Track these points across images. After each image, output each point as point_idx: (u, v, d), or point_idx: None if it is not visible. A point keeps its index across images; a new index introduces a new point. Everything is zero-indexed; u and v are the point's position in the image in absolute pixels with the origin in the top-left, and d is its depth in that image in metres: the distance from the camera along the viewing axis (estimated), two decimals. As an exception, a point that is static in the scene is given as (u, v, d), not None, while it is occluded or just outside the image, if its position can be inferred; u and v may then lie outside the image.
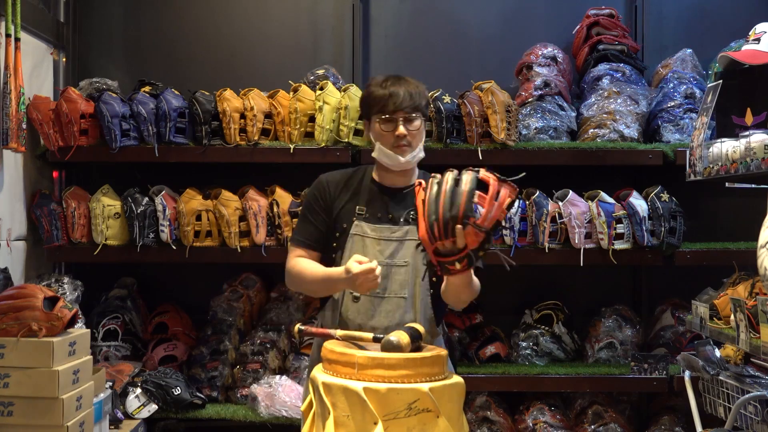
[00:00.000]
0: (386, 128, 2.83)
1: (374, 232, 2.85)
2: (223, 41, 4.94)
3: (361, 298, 2.81)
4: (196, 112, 4.36)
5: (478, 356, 4.52)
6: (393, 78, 2.88)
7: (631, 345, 4.52)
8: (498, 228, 2.57)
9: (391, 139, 2.83)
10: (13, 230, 4.25)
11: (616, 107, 4.41)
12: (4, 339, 3.22)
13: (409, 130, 2.82)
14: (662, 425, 4.40)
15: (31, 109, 4.31)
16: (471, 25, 4.94)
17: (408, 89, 2.83)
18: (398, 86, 2.83)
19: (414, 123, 2.84)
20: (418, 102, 2.84)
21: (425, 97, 2.91)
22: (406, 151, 2.83)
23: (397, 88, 2.83)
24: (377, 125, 2.86)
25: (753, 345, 2.87)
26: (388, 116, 2.82)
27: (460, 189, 2.45)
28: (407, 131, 2.82)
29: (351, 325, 2.82)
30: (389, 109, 2.82)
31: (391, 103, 2.81)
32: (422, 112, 2.87)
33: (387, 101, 2.82)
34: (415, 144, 2.85)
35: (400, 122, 2.82)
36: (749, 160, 2.89)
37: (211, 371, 4.43)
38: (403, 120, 2.82)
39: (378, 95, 2.84)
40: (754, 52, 3.21)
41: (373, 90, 2.87)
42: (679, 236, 4.31)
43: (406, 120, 2.82)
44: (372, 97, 2.87)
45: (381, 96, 2.83)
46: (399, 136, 2.81)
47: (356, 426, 2.38)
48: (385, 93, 2.83)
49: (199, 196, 4.41)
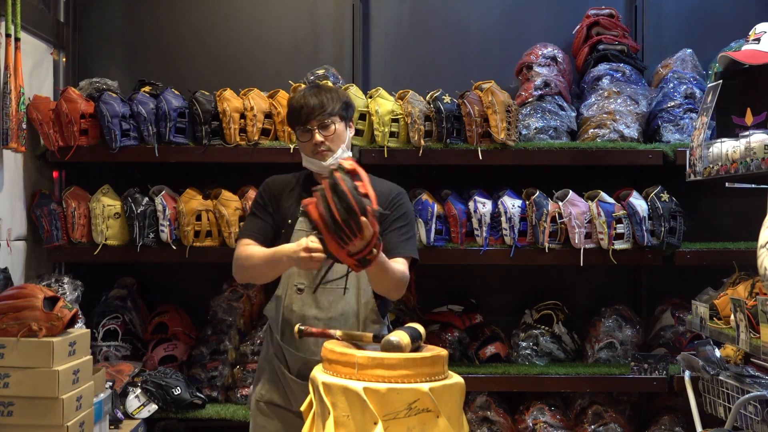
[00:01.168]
0: (304, 138, 2.97)
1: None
2: (223, 41, 4.94)
3: (305, 290, 2.92)
4: (196, 112, 4.36)
5: (478, 356, 4.52)
6: (309, 89, 3.01)
7: (631, 345, 4.52)
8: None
9: (310, 147, 2.96)
10: (13, 230, 4.25)
11: (616, 107, 4.41)
12: (4, 339, 3.22)
13: (325, 136, 2.94)
14: (662, 425, 4.40)
15: (31, 109, 4.31)
16: (471, 25, 4.94)
17: (320, 97, 2.94)
18: (311, 97, 2.95)
19: (330, 128, 2.94)
20: (330, 107, 2.94)
21: (341, 100, 2.99)
22: (326, 156, 2.95)
23: (309, 98, 2.95)
24: (297, 136, 3.00)
25: (753, 345, 2.87)
26: (302, 127, 2.96)
27: (341, 189, 2.52)
28: (323, 137, 2.94)
29: (295, 316, 2.92)
30: (302, 120, 2.95)
31: (303, 114, 2.94)
32: (339, 115, 2.96)
33: (300, 112, 2.95)
34: (335, 147, 2.96)
35: (315, 131, 2.94)
36: (749, 160, 2.89)
37: (211, 371, 4.44)
38: (318, 127, 2.93)
39: (293, 108, 2.99)
40: (754, 52, 3.22)
41: (291, 103, 3.02)
42: (679, 236, 4.31)
43: (321, 126, 2.94)
44: (290, 111, 3.02)
45: (295, 108, 2.97)
46: (316, 144, 2.94)
47: (356, 426, 2.38)
48: (298, 105, 2.96)
49: (199, 196, 4.41)
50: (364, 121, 4.35)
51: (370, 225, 2.54)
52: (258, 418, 3.04)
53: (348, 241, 2.55)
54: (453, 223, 4.32)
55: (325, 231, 2.56)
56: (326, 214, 2.53)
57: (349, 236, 2.54)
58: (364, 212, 2.52)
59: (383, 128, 4.29)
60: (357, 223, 2.52)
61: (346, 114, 3.00)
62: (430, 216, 4.26)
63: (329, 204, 2.52)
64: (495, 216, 4.34)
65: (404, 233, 2.95)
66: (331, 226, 2.53)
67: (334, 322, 2.90)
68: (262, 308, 4.76)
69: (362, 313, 2.94)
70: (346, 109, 3.00)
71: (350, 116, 3.04)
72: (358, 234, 2.53)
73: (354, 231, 2.53)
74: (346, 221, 2.51)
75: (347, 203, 2.51)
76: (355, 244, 2.56)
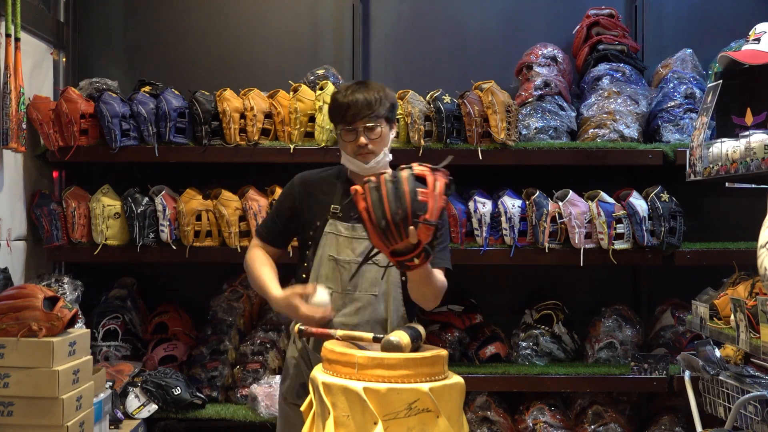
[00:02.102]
0: (348, 138, 2.88)
1: (347, 231, 2.90)
2: (223, 41, 4.94)
3: (333, 294, 2.86)
4: (196, 112, 4.36)
5: (478, 356, 4.52)
6: (355, 85, 2.92)
7: (631, 345, 4.52)
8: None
9: (353, 148, 2.87)
10: (13, 230, 4.25)
11: (616, 107, 4.41)
12: (4, 339, 3.22)
13: (370, 138, 2.86)
14: (662, 425, 4.40)
15: (31, 109, 4.31)
16: (471, 25, 4.94)
17: (368, 97, 2.85)
18: (358, 94, 2.86)
19: (375, 130, 2.86)
20: (377, 109, 2.85)
21: (389, 101, 2.91)
22: (369, 158, 2.88)
23: (356, 96, 2.85)
24: (340, 133, 2.91)
25: (753, 345, 2.87)
26: (349, 126, 2.87)
27: (401, 190, 2.46)
28: (368, 140, 2.86)
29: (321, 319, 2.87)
30: (349, 119, 2.86)
31: (350, 113, 2.85)
32: (385, 117, 2.89)
33: (347, 111, 2.86)
34: (378, 150, 2.88)
35: (361, 132, 2.85)
36: (749, 160, 2.89)
37: (211, 371, 4.44)
38: (363, 129, 2.85)
39: (339, 105, 2.89)
40: (754, 52, 3.22)
41: (336, 98, 2.91)
42: (679, 236, 4.31)
43: (367, 129, 2.86)
44: (334, 106, 2.92)
45: (341, 105, 2.87)
46: (360, 146, 2.86)
47: (356, 426, 2.38)
48: (345, 102, 2.86)
49: (199, 196, 4.42)
50: (364, 121, 4.34)
51: (418, 234, 2.47)
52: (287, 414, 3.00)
53: (393, 242, 2.49)
54: (453, 223, 4.32)
55: (370, 225, 2.50)
56: (378, 208, 2.46)
57: (394, 238, 2.48)
58: (415, 218, 2.45)
59: (383, 128, 4.29)
60: (405, 228, 2.46)
61: (391, 116, 2.93)
62: (430, 216, 4.26)
63: (383, 199, 2.46)
64: (495, 216, 4.34)
65: (441, 243, 2.90)
66: (377, 222, 2.47)
67: (360, 328, 2.84)
68: (262, 308, 4.78)
69: (390, 321, 2.89)
70: (392, 110, 2.94)
71: (394, 117, 2.97)
72: (404, 238, 2.47)
73: (401, 234, 2.47)
74: (396, 223, 2.45)
75: (402, 206, 2.45)
76: (399, 246, 2.50)
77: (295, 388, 2.97)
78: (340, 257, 2.88)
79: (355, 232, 2.88)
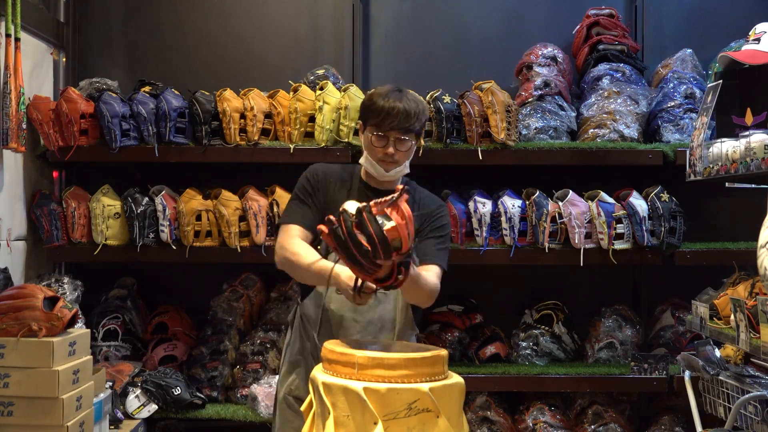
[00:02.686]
0: (378, 143, 2.86)
1: None
2: (223, 41, 4.94)
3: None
4: (196, 112, 4.36)
5: (478, 356, 4.52)
6: (397, 92, 2.87)
7: (631, 345, 4.52)
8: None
9: (380, 154, 2.86)
10: (13, 230, 4.25)
11: (616, 107, 4.41)
12: (4, 339, 3.22)
13: (398, 150, 2.85)
14: (662, 425, 4.40)
15: (31, 109, 4.31)
16: (471, 25, 4.94)
17: (408, 108, 2.82)
18: (399, 103, 2.82)
19: (406, 144, 2.85)
20: (413, 124, 2.84)
21: (425, 116, 2.90)
22: (391, 168, 2.89)
23: (398, 105, 2.82)
24: (370, 136, 2.88)
25: (753, 345, 2.87)
26: (381, 133, 2.84)
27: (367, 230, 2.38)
28: (396, 151, 2.85)
29: (334, 317, 2.87)
30: (384, 127, 2.83)
31: (387, 121, 2.82)
32: (416, 133, 2.87)
33: (385, 117, 2.82)
34: (402, 161, 2.89)
35: (392, 141, 2.84)
36: (749, 160, 2.89)
37: (211, 371, 4.44)
38: (395, 140, 2.84)
39: (378, 108, 2.84)
40: (754, 52, 3.22)
41: (376, 101, 2.86)
42: (679, 236, 4.31)
43: (398, 140, 2.84)
44: (373, 107, 2.87)
45: (380, 109, 2.83)
46: (388, 154, 2.85)
47: (356, 426, 2.38)
48: (384, 107, 2.82)
49: (199, 196, 4.41)
50: (364, 121, 4.34)
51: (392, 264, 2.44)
52: (286, 412, 2.98)
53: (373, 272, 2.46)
54: (453, 223, 4.32)
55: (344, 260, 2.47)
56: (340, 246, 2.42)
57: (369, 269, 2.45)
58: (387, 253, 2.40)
59: (383, 128, 4.29)
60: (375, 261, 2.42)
61: (422, 131, 2.93)
62: (430, 216, 4.26)
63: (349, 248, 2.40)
64: (495, 216, 4.34)
65: (440, 243, 2.91)
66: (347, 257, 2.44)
67: (371, 326, 2.85)
68: (262, 308, 4.79)
69: (398, 319, 2.89)
70: (424, 125, 2.93)
71: (423, 131, 2.96)
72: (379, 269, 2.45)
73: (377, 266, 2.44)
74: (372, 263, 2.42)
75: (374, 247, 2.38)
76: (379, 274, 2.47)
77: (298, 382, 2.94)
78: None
79: None
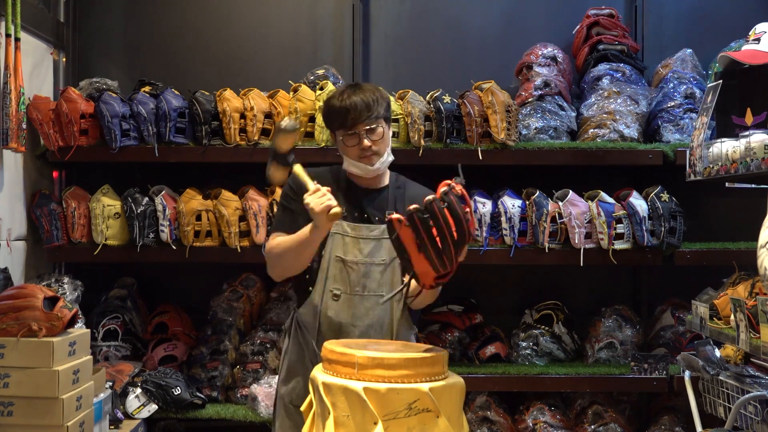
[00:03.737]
0: (350, 142, 2.85)
1: (354, 231, 2.88)
2: (223, 41, 4.94)
3: (341, 296, 2.84)
4: (196, 112, 4.36)
5: (478, 356, 4.52)
6: (350, 89, 2.87)
7: (631, 345, 4.52)
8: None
9: (357, 152, 2.85)
10: (13, 230, 4.25)
11: (616, 107, 4.41)
12: (4, 339, 3.23)
13: (373, 140, 2.84)
14: (662, 425, 4.40)
15: (31, 109, 4.31)
16: (471, 25, 4.94)
17: (365, 98, 2.82)
18: (355, 97, 2.82)
19: (377, 131, 2.84)
20: (376, 110, 2.83)
21: (385, 100, 2.88)
22: (374, 160, 2.86)
23: (354, 99, 2.81)
24: (341, 138, 2.87)
25: (753, 345, 2.87)
26: (350, 131, 2.83)
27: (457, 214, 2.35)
28: (371, 141, 2.84)
29: (332, 324, 2.85)
30: (349, 123, 2.82)
31: (350, 118, 2.81)
32: (384, 117, 2.86)
33: (346, 115, 2.82)
34: (382, 150, 2.87)
35: (363, 135, 2.83)
36: (749, 160, 2.89)
37: (211, 371, 4.44)
38: (365, 132, 2.83)
39: (336, 109, 2.84)
40: (754, 52, 3.22)
41: (332, 104, 2.87)
42: (679, 236, 4.31)
43: (369, 131, 2.83)
44: (331, 111, 2.87)
45: (339, 110, 2.83)
46: (364, 148, 2.83)
47: (356, 426, 2.38)
48: (343, 106, 2.82)
49: (199, 196, 4.42)
50: (364, 121, 4.34)
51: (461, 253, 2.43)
52: (285, 420, 2.94)
53: (448, 267, 2.42)
54: (453, 223, 4.32)
55: (421, 255, 2.38)
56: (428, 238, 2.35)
57: (450, 263, 2.41)
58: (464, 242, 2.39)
59: (383, 128, 4.29)
60: (460, 251, 2.40)
61: (389, 114, 2.91)
62: (430, 216, 4.25)
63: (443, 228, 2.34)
64: (495, 216, 4.34)
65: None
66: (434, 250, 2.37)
67: (371, 329, 2.85)
68: (262, 308, 4.79)
69: (396, 321, 2.88)
70: (389, 109, 2.91)
71: (391, 116, 2.94)
72: (455, 261, 2.42)
73: (455, 258, 2.40)
74: (456, 246, 2.37)
75: (461, 231, 2.35)
76: (450, 269, 2.43)
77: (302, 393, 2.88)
78: (348, 258, 2.86)
79: (361, 232, 2.88)
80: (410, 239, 2.39)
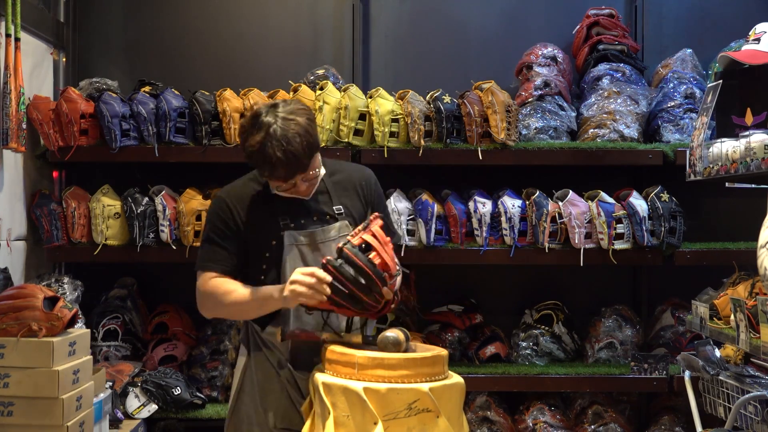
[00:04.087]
0: (284, 188, 2.68)
1: (308, 238, 2.72)
2: (223, 41, 4.94)
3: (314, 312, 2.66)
4: (196, 112, 4.36)
5: (478, 356, 4.52)
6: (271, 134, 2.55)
7: (631, 345, 4.52)
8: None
9: (291, 192, 2.69)
10: (13, 230, 4.25)
11: (616, 107, 4.41)
12: (4, 339, 3.22)
13: (308, 180, 2.67)
14: (662, 425, 4.40)
15: (31, 109, 4.31)
16: (471, 25, 4.94)
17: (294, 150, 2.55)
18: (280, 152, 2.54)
19: (310, 173, 2.66)
20: (306, 158, 2.59)
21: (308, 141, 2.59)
22: (310, 191, 2.72)
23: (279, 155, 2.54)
24: (271, 181, 2.68)
25: (753, 345, 2.87)
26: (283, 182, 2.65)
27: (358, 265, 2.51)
28: (308, 181, 2.68)
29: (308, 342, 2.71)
30: (282, 178, 2.62)
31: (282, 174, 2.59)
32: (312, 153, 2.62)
33: (277, 172, 2.59)
34: (316, 181, 2.71)
35: (299, 180, 2.65)
36: (749, 160, 2.89)
37: (211, 371, 4.44)
38: (300, 178, 2.64)
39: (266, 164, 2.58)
40: (754, 52, 3.22)
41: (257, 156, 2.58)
42: (679, 236, 4.31)
43: (303, 177, 2.65)
44: (260, 162, 2.60)
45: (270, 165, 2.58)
46: (299, 192, 2.69)
47: (356, 426, 2.38)
48: (270, 163, 2.56)
49: (199, 196, 4.41)
50: (364, 121, 4.35)
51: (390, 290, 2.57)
52: None
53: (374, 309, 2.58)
54: (453, 223, 4.32)
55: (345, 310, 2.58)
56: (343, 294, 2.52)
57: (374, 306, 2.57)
58: (383, 282, 2.53)
59: (383, 128, 4.29)
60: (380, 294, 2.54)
61: (317, 142, 2.66)
62: (430, 216, 4.26)
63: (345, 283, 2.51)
64: (495, 216, 4.34)
65: (388, 221, 2.80)
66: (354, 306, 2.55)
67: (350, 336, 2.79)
68: (262, 308, 4.77)
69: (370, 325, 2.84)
70: (316, 136, 2.65)
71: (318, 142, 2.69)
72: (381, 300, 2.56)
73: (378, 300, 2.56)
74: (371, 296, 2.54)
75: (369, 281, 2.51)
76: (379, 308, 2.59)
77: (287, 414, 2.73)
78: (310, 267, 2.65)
79: (317, 237, 2.73)
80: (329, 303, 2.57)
